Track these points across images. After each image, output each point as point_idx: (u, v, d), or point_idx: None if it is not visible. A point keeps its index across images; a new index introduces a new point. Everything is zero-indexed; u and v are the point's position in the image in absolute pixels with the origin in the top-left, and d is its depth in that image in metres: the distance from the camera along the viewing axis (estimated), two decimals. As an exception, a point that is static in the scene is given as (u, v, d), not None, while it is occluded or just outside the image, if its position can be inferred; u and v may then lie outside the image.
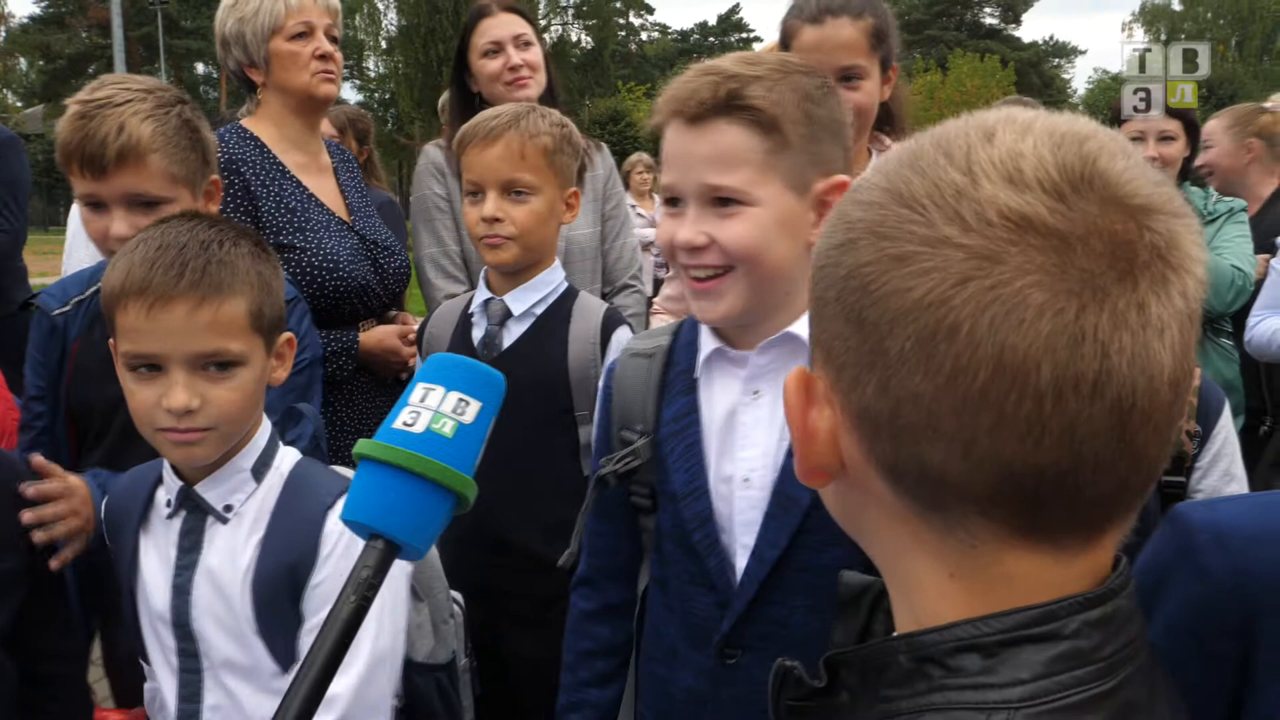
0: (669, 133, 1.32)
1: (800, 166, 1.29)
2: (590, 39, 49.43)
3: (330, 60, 2.51)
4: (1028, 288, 0.54)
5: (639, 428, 1.45)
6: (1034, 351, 0.54)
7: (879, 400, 0.59)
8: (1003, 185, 0.56)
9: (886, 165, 0.62)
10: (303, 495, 1.44)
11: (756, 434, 1.36)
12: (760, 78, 1.26)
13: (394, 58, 45.98)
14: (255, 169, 2.43)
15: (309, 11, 2.49)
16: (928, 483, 0.59)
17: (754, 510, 1.35)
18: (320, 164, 2.60)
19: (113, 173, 1.76)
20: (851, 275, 0.60)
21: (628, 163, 9.14)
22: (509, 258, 2.02)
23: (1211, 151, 3.81)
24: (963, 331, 0.55)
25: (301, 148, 2.55)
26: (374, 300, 2.55)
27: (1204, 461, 1.85)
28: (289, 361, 1.51)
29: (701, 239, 1.30)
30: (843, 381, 0.61)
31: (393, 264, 2.61)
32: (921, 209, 0.58)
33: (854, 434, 0.62)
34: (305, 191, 2.49)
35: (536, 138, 2.00)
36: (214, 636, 1.43)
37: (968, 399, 0.56)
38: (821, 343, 0.64)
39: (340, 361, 2.44)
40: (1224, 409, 1.89)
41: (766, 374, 1.37)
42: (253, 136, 2.48)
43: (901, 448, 0.59)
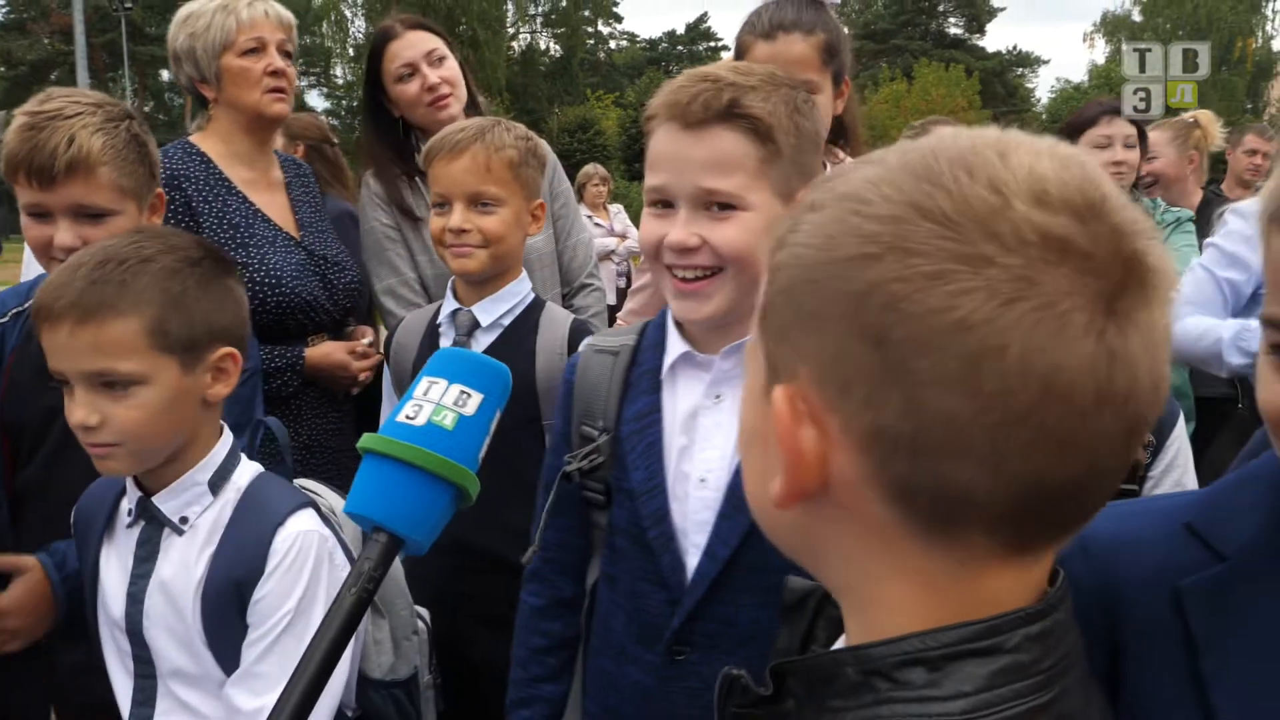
0: (661, 135, 1.35)
1: (788, 175, 1.34)
2: (559, 47, 49.45)
3: (282, 77, 2.49)
4: (1072, 309, 0.55)
5: (599, 423, 1.47)
6: (1077, 370, 0.55)
7: (902, 420, 0.57)
8: (1034, 206, 0.57)
9: (890, 178, 0.60)
10: (256, 511, 1.45)
11: (716, 437, 1.40)
12: (755, 88, 1.31)
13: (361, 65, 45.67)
14: (198, 185, 2.42)
15: (261, 27, 2.47)
16: (944, 501, 0.59)
17: (708, 510, 1.38)
18: (270, 180, 2.59)
19: (61, 183, 1.76)
20: (872, 291, 0.57)
21: (583, 174, 9.13)
22: (476, 266, 2.05)
23: (1158, 162, 3.92)
24: (1011, 352, 0.55)
25: (250, 164, 2.53)
26: (322, 315, 2.53)
27: (1156, 471, 1.90)
28: (232, 377, 1.49)
29: (694, 240, 1.33)
30: (849, 401, 0.59)
31: (343, 279, 2.59)
32: (955, 226, 0.57)
33: (857, 454, 0.60)
34: (251, 207, 2.48)
35: (502, 150, 2.04)
36: (165, 646, 1.45)
37: (1007, 418, 0.56)
38: (811, 359, 0.61)
39: (285, 377, 2.43)
40: (1178, 420, 1.94)
41: (729, 379, 1.40)
42: (199, 152, 2.48)
43: (921, 466, 0.58)
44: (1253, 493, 0.87)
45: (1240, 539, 0.84)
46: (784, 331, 0.63)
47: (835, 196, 0.62)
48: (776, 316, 0.64)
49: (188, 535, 1.46)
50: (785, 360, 0.63)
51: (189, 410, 1.45)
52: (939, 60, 44.30)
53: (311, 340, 2.53)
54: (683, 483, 1.41)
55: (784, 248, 0.64)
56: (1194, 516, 0.88)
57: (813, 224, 0.62)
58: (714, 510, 1.38)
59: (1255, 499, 0.86)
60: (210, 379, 1.46)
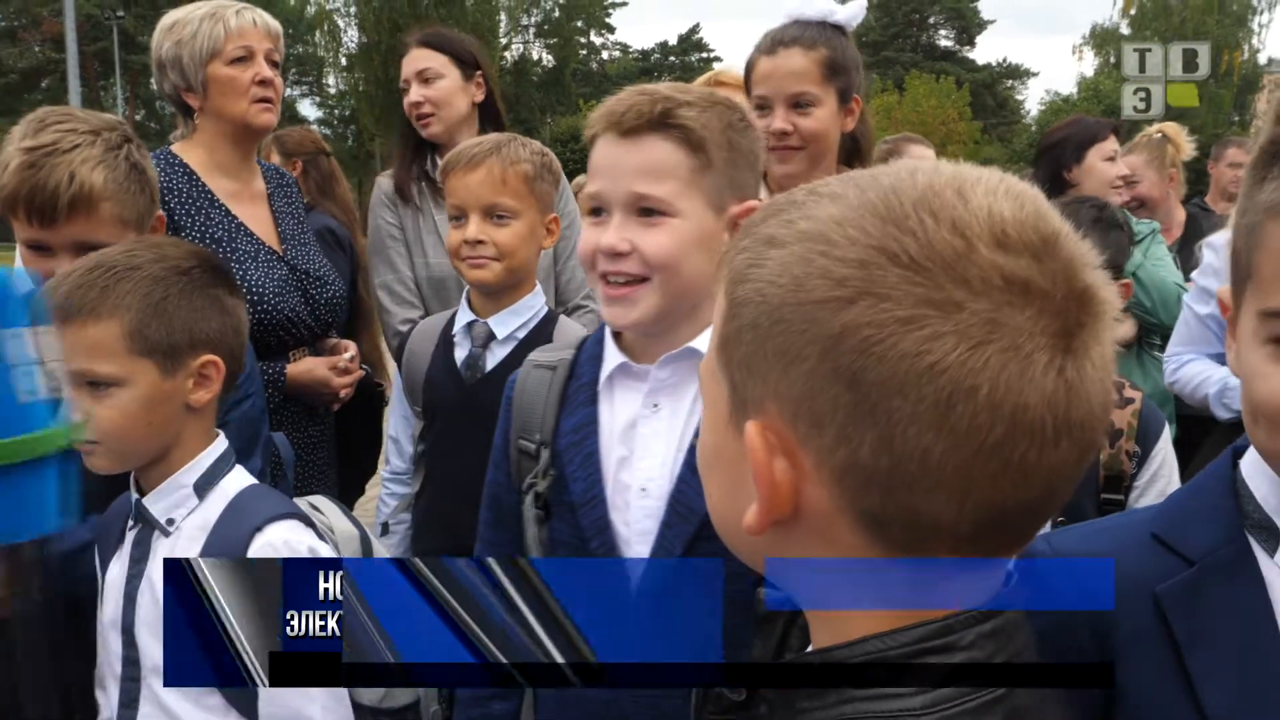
0: (600, 145, 1.39)
1: (720, 188, 1.37)
2: (552, 58, 49.64)
3: (270, 86, 2.46)
4: (1035, 349, 0.59)
5: (536, 437, 1.49)
6: (1041, 406, 0.59)
7: (877, 456, 0.60)
8: (995, 249, 0.60)
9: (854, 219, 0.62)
10: (239, 516, 1.47)
11: (655, 445, 1.41)
12: (691, 102, 1.35)
13: (354, 75, 45.75)
14: (181, 198, 2.39)
15: (249, 36, 2.45)
16: (915, 529, 0.62)
17: (650, 520, 1.39)
18: (253, 191, 2.56)
19: (64, 222, 1.74)
20: (846, 335, 0.60)
21: (574, 184, 9.15)
22: (490, 277, 2.09)
23: (1142, 186, 3.93)
24: (982, 393, 0.58)
25: (233, 175, 2.51)
26: (304, 331, 2.52)
27: (1142, 481, 1.93)
28: (215, 384, 1.51)
29: (625, 245, 1.35)
30: (823, 437, 0.61)
31: (325, 294, 2.58)
32: (924, 271, 0.59)
33: (830, 486, 0.62)
34: (234, 220, 2.46)
35: (517, 164, 2.08)
36: (148, 643, 1.48)
37: (979, 452, 0.59)
38: (782, 396, 0.63)
39: (266, 393, 2.39)
40: (1163, 431, 1.98)
41: (666, 388, 1.42)
42: (181, 164, 2.44)
43: (893, 499, 0.61)
44: (1207, 498, 0.92)
45: (1203, 542, 0.89)
46: (751, 366, 0.65)
47: (798, 234, 0.64)
48: (742, 349, 0.65)
49: (174, 537, 1.49)
50: (753, 393, 0.65)
51: (169, 414, 1.49)
52: (929, 72, 44.56)
53: (293, 355, 2.52)
54: (623, 493, 1.42)
55: (746, 282, 0.65)
56: (1158, 528, 0.92)
57: (777, 261, 0.64)
58: (657, 519, 1.39)
59: (1211, 504, 0.91)
60: (192, 385, 1.49)
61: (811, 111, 2.17)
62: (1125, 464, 1.92)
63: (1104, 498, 1.91)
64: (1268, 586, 0.86)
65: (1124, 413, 1.94)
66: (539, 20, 50.56)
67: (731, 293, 0.67)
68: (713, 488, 0.73)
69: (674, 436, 1.40)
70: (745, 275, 0.66)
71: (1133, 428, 1.93)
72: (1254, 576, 0.86)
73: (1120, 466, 1.92)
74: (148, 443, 1.49)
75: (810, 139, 2.17)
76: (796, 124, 2.17)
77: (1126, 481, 1.92)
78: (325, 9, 47.19)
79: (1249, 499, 0.89)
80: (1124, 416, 1.94)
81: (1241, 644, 0.85)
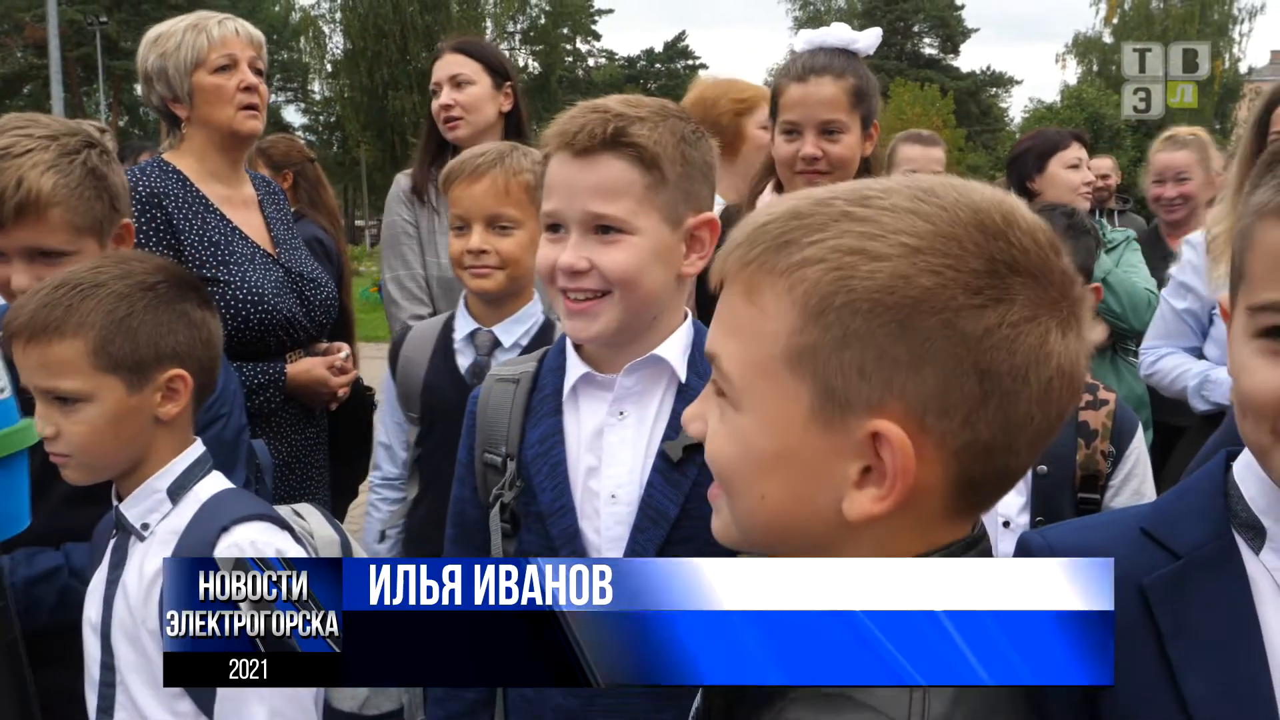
0: (554, 163, 1.41)
1: (675, 202, 1.39)
2: (538, 64, 49.62)
3: (255, 93, 2.50)
4: (1080, 330, 0.77)
5: (502, 449, 1.50)
6: (1083, 373, 0.78)
7: (994, 431, 0.74)
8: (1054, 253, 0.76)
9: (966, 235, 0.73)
10: (209, 518, 1.48)
11: (623, 453, 1.43)
12: (643, 119, 1.36)
13: (340, 81, 45.69)
14: (178, 202, 2.43)
15: (232, 44, 2.49)
16: (998, 484, 0.78)
17: (621, 526, 1.42)
18: (244, 197, 2.61)
19: (12, 227, 1.73)
20: (987, 335, 0.72)
21: None
22: (494, 285, 2.12)
23: (1190, 184, 3.86)
24: (1067, 370, 0.75)
25: (224, 181, 2.55)
26: (300, 332, 2.56)
27: (1116, 480, 1.96)
28: (183, 397, 1.53)
29: (583, 263, 1.37)
30: (950, 422, 0.73)
31: (319, 296, 2.63)
32: (1032, 277, 0.74)
33: (947, 463, 0.74)
34: (229, 224, 2.50)
35: (520, 174, 2.10)
36: (122, 648, 1.50)
37: (1055, 415, 0.76)
38: (909, 393, 0.72)
39: (268, 394, 2.45)
40: (1137, 431, 2.01)
41: (631, 395, 1.44)
42: (175, 170, 2.48)
43: (993, 462, 0.75)
44: (1197, 498, 0.96)
45: (1190, 538, 0.93)
46: (865, 370, 0.73)
47: (904, 248, 0.72)
48: (850, 356, 0.72)
49: (148, 541, 1.51)
50: (865, 395, 0.73)
51: (137, 427, 1.51)
52: (914, 80, 44.80)
53: (290, 357, 2.55)
54: (592, 500, 1.43)
55: (846, 294, 0.72)
56: (1147, 523, 0.97)
57: (892, 273, 0.72)
58: (627, 525, 1.41)
59: (1200, 503, 0.95)
60: (160, 399, 1.51)
61: (840, 138, 2.25)
62: (1101, 464, 1.96)
63: (1081, 496, 1.94)
64: (1251, 582, 0.89)
65: (1099, 414, 1.97)
66: (525, 27, 50.59)
67: (821, 303, 0.73)
68: (770, 490, 0.78)
69: (641, 443, 1.43)
70: (843, 287, 0.72)
71: (1107, 428, 1.96)
72: (1238, 572, 0.90)
73: (1096, 466, 1.95)
74: (117, 456, 1.52)
75: (838, 164, 2.25)
76: (826, 150, 2.24)
77: (1102, 481, 1.96)
78: (310, 15, 47.15)
79: (1238, 499, 0.92)
80: (1099, 418, 1.97)
81: (1223, 637, 0.88)
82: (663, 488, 1.40)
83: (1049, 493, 1.94)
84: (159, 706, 1.46)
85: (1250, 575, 0.90)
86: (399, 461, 2.31)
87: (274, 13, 49.48)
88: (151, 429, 1.52)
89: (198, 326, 1.55)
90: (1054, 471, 1.94)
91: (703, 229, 1.43)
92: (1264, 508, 0.90)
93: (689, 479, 1.40)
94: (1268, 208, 0.85)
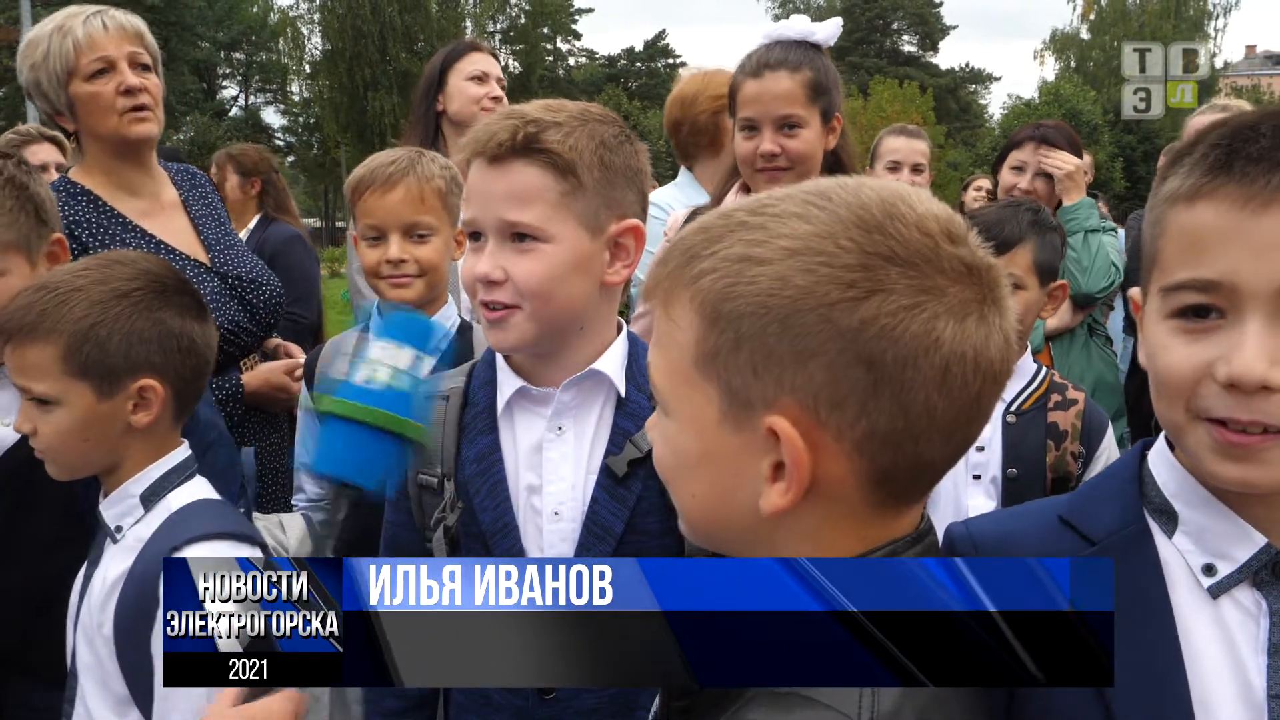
0: (471, 171, 1.38)
1: (594, 208, 1.36)
2: (518, 64, 49.51)
3: (141, 94, 2.23)
4: (988, 314, 0.77)
5: (438, 470, 1.45)
6: (999, 359, 0.78)
7: (893, 420, 0.75)
8: (948, 242, 0.77)
9: (836, 230, 0.75)
10: (170, 532, 1.47)
11: (563, 469, 1.41)
12: (559, 124, 1.34)
13: (318, 82, 45.45)
14: (91, 228, 2.24)
15: (103, 45, 2.21)
16: (916, 475, 0.78)
17: (565, 543, 1.39)
18: (164, 203, 2.41)
19: None
20: (865, 326, 0.74)
21: None
22: (414, 294, 2.10)
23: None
24: (969, 355, 0.75)
25: (139, 192, 2.34)
26: (247, 338, 2.45)
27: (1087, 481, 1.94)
28: (154, 407, 1.51)
29: (499, 274, 1.35)
30: (845, 414, 0.75)
31: (261, 297, 2.47)
32: (913, 266, 0.75)
33: (850, 454, 0.76)
34: (153, 240, 2.31)
35: (432, 180, 2.09)
36: (81, 646, 1.50)
37: (963, 402, 0.76)
38: (800, 388, 0.75)
39: (229, 407, 2.38)
40: (1107, 431, 2.00)
41: (570, 410, 1.42)
42: (84, 190, 2.28)
43: (903, 452, 0.76)
44: (1111, 485, 1.00)
45: (1105, 524, 0.97)
46: (758, 369, 0.76)
47: (784, 251, 0.76)
48: (743, 357, 0.76)
49: (119, 545, 1.50)
50: (761, 393, 0.76)
51: (107, 433, 1.51)
52: (893, 77, 44.94)
53: (244, 364, 2.48)
54: (534, 518, 1.41)
55: (734, 299, 0.76)
56: (1064, 510, 1.01)
57: (771, 277, 0.75)
58: (571, 542, 1.38)
59: (1114, 490, 0.99)
60: (132, 407, 1.50)
61: (798, 133, 2.22)
62: (1071, 465, 1.95)
63: (1051, 499, 1.93)
64: (1163, 564, 0.93)
65: (1068, 414, 1.97)
66: (505, 27, 50.48)
67: (715, 310, 0.77)
68: (699, 489, 0.83)
69: (582, 458, 1.40)
70: (731, 293, 0.76)
71: (1077, 429, 1.95)
72: (1150, 556, 0.93)
73: (1066, 468, 1.94)
74: (88, 458, 1.53)
75: (797, 159, 2.22)
76: (784, 145, 2.21)
77: (1073, 482, 1.94)
78: (288, 16, 46.87)
79: (1151, 485, 0.96)
80: (1068, 418, 1.96)
81: (1136, 617, 0.90)
82: (608, 503, 1.38)
83: (1020, 495, 1.92)
84: (107, 711, 1.45)
85: (1162, 558, 0.93)
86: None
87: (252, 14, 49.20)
88: (125, 435, 1.51)
89: (175, 336, 1.53)
90: (1024, 474, 1.93)
91: (626, 236, 1.39)
92: (1175, 492, 0.94)
93: (633, 494, 1.38)
94: (1177, 194, 0.87)
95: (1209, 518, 0.92)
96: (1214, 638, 0.90)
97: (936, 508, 2.01)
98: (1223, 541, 0.91)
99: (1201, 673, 0.89)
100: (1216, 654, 0.90)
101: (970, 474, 1.99)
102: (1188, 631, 0.91)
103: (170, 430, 1.57)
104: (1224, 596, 0.90)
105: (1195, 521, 0.92)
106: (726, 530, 0.83)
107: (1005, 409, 1.99)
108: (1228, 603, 0.90)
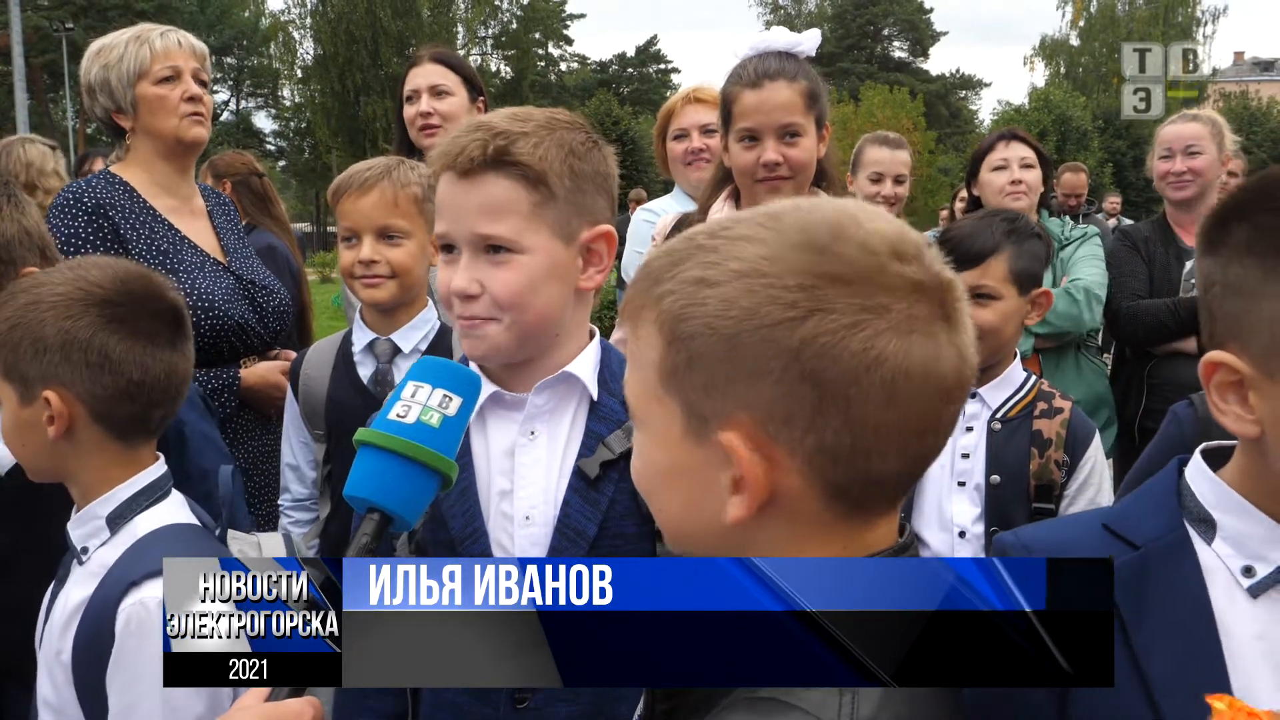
0: (441, 184, 1.39)
1: (566, 217, 1.37)
2: (509, 69, 49.49)
3: (199, 102, 2.52)
4: (937, 330, 0.77)
5: None
6: (950, 373, 0.78)
7: (840, 436, 0.76)
8: (895, 260, 0.77)
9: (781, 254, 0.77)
10: (130, 564, 1.40)
11: (535, 473, 1.41)
12: (528, 134, 1.34)
13: (310, 87, 45.40)
14: (124, 213, 2.44)
15: (175, 56, 2.51)
16: (868, 488, 0.79)
17: (536, 548, 1.39)
18: (193, 208, 2.62)
19: None
20: (805, 345, 0.75)
21: None
22: (386, 296, 2.15)
23: (1201, 159, 3.43)
24: (915, 371, 0.76)
25: (173, 192, 2.57)
26: (254, 338, 2.57)
27: (1071, 490, 1.95)
28: (61, 421, 1.45)
29: (475, 287, 1.36)
30: (794, 430, 0.76)
31: (272, 303, 2.64)
32: (855, 285, 0.76)
33: (802, 469, 0.77)
34: (178, 234, 2.51)
35: (408, 187, 2.14)
36: (41, 670, 1.48)
37: (913, 417, 0.77)
38: (751, 405, 0.77)
39: (222, 398, 2.45)
40: (1092, 440, 2.00)
41: (543, 414, 1.42)
42: (121, 182, 2.49)
43: (854, 467, 0.77)
44: (1154, 497, 1.06)
45: (1148, 531, 1.02)
46: (710, 387, 0.78)
47: (732, 273, 0.78)
48: (697, 375, 0.79)
49: (85, 567, 1.46)
50: (716, 409, 0.78)
51: (40, 441, 1.46)
52: (884, 83, 45.01)
53: (245, 363, 2.55)
54: (506, 524, 1.40)
55: (688, 320, 0.79)
56: (1108, 519, 1.07)
57: (718, 298, 0.77)
58: (544, 547, 1.38)
59: (1157, 501, 1.05)
60: (46, 418, 1.44)
61: (799, 141, 2.23)
62: (1054, 473, 1.95)
63: (1035, 507, 1.93)
64: (1204, 570, 0.98)
65: (1053, 423, 1.97)
66: (496, 32, 50.45)
67: (672, 331, 0.79)
68: (670, 501, 0.85)
69: (554, 462, 1.40)
70: (685, 314, 0.79)
71: (1061, 437, 1.96)
72: (1192, 561, 0.99)
73: (1050, 476, 1.94)
74: (34, 464, 1.51)
75: (798, 168, 2.23)
76: (786, 154, 2.22)
77: (1056, 490, 1.95)
78: (280, 21, 46.80)
79: (1190, 497, 1.02)
80: (1053, 427, 1.97)
81: (1180, 619, 0.97)
82: (580, 506, 1.38)
83: (1003, 502, 1.93)
84: None
85: (1203, 563, 0.99)
86: (308, 481, 2.30)
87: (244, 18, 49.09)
88: (61, 445, 1.45)
89: (82, 348, 1.42)
90: (1007, 481, 1.94)
91: (599, 242, 1.40)
92: (1214, 503, 1.00)
93: (606, 497, 1.38)
94: None
95: (1247, 524, 0.98)
96: (1254, 634, 0.96)
97: (921, 514, 2.02)
98: (1261, 545, 0.97)
99: (1242, 667, 0.95)
100: (1257, 649, 0.95)
101: (955, 481, 1.99)
102: (1228, 628, 0.96)
103: (128, 448, 1.48)
104: (1263, 595, 0.96)
105: (1234, 528, 0.98)
106: (700, 540, 0.84)
107: (991, 416, 2.00)
108: (1266, 602, 0.96)
